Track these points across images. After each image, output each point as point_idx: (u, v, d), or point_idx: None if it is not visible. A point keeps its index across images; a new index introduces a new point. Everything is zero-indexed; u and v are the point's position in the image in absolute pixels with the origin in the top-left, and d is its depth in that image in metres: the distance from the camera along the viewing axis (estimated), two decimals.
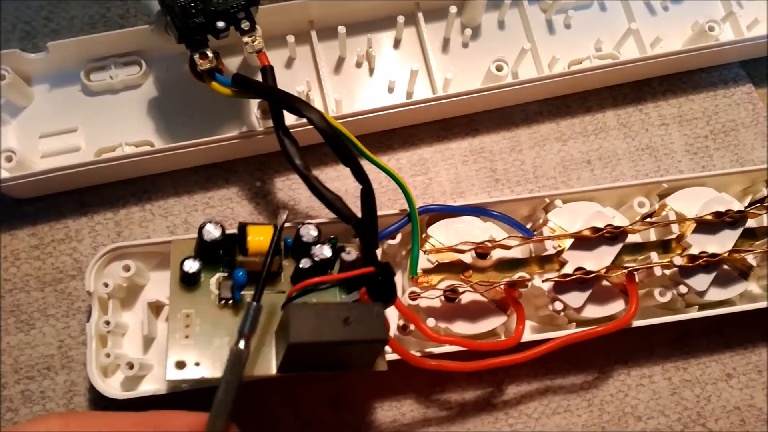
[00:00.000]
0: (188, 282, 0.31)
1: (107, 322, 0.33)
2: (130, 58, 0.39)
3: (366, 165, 0.32)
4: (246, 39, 0.33)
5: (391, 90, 0.40)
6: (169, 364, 0.29)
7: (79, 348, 0.35)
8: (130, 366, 0.32)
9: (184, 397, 0.31)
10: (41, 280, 0.36)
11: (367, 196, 0.32)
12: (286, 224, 0.32)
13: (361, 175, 0.32)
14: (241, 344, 0.27)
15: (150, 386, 0.33)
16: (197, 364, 0.29)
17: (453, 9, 0.40)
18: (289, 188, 0.39)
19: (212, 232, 0.30)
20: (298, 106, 0.32)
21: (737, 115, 0.43)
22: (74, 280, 0.36)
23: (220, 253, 0.31)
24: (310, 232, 0.32)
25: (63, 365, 0.35)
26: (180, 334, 0.30)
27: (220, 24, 0.33)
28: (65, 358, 0.35)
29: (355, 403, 0.35)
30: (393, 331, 0.34)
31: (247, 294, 0.31)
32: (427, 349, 0.33)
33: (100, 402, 0.34)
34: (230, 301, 0.31)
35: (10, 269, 0.36)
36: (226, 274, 0.31)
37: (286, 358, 0.28)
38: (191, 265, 0.30)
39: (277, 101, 0.33)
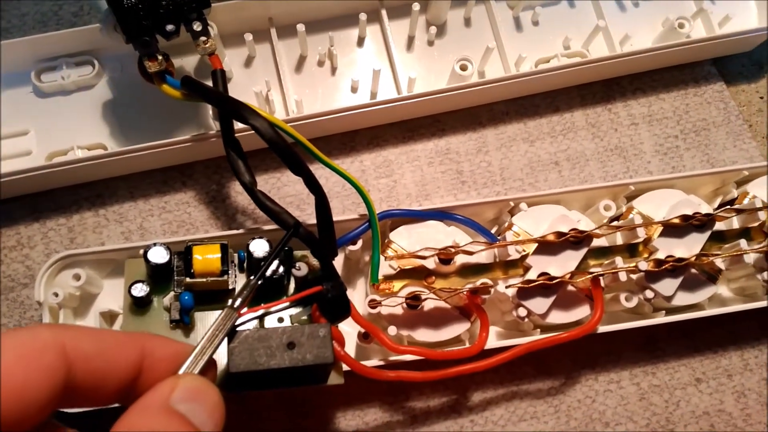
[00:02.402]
0: (140, 305, 0.30)
1: None
2: (82, 58, 0.37)
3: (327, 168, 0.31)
4: (198, 41, 0.32)
5: (354, 90, 0.39)
6: None
7: None
8: None
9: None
10: None
11: (321, 207, 0.31)
12: (240, 232, 0.31)
13: (313, 185, 0.31)
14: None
15: None
16: None
17: (416, 6, 0.39)
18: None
19: (157, 257, 0.29)
20: (244, 113, 0.30)
21: (708, 114, 0.42)
22: (26, 289, 0.35)
23: (171, 272, 0.30)
24: (260, 247, 0.31)
25: None
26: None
27: (170, 27, 0.31)
28: None
29: (316, 413, 0.34)
30: (353, 340, 0.33)
31: (199, 313, 0.30)
32: (391, 358, 0.32)
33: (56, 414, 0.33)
34: (179, 324, 0.30)
35: None
36: (177, 294, 0.30)
37: (231, 381, 0.28)
38: (141, 289, 0.29)
39: (224, 107, 0.31)
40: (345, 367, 0.30)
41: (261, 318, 0.31)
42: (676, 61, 0.42)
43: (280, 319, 0.31)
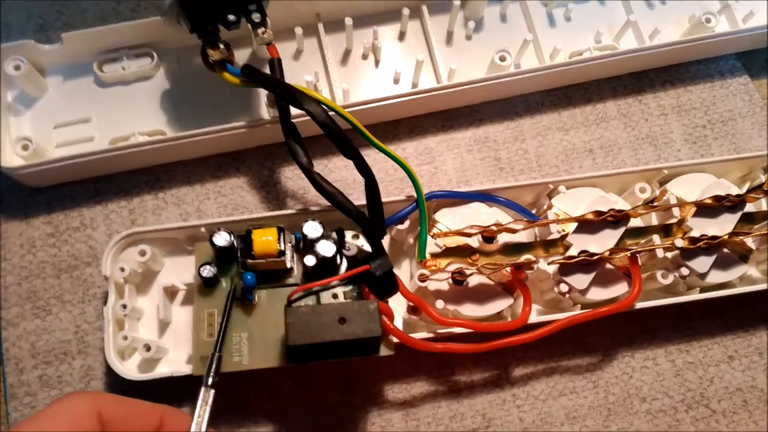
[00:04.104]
0: (208, 285, 0.32)
1: (124, 306, 0.33)
2: (141, 50, 0.39)
3: (373, 154, 0.33)
4: (256, 31, 0.34)
5: (396, 81, 0.41)
6: (194, 360, 0.31)
7: (95, 333, 0.36)
8: (147, 348, 0.33)
9: (198, 378, 0.31)
10: (57, 267, 0.37)
11: (371, 188, 0.33)
12: (291, 212, 0.34)
13: (363, 168, 0.32)
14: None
15: (166, 368, 0.34)
16: (220, 357, 0.30)
17: (456, 2, 0.41)
18: (298, 177, 0.39)
19: (220, 240, 0.32)
20: (300, 98, 0.32)
21: (734, 106, 0.44)
22: (89, 267, 0.37)
23: (235, 254, 0.32)
24: (313, 229, 0.32)
25: (79, 350, 0.36)
26: (204, 333, 0.31)
27: (231, 17, 0.34)
28: (81, 343, 0.36)
29: (366, 387, 0.36)
30: (402, 314, 0.35)
31: (262, 291, 0.32)
32: (438, 331, 0.34)
33: (116, 385, 0.35)
34: (245, 301, 0.32)
35: (26, 257, 0.37)
36: (241, 274, 0.32)
37: (291, 354, 0.30)
38: (208, 270, 0.32)
39: (281, 93, 0.33)
40: (396, 340, 0.32)
41: (317, 294, 0.32)
42: (702, 55, 0.44)
43: (335, 296, 0.33)
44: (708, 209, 0.36)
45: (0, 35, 0.41)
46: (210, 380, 0.28)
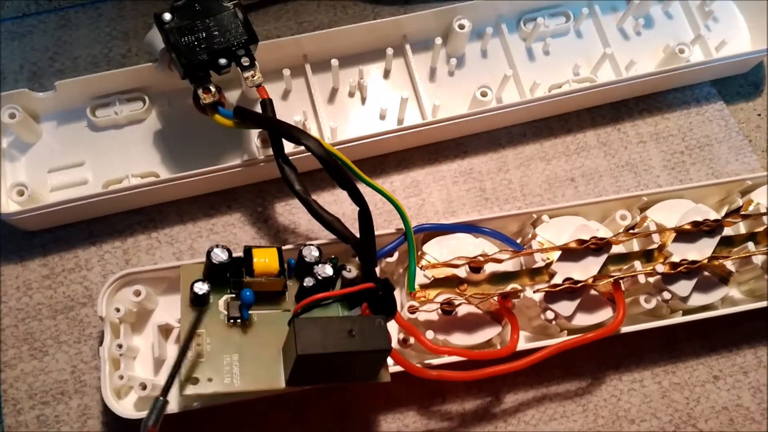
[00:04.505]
0: (198, 303, 0.32)
1: (120, 345, 0.34)
2: (133, 95, 0.41)
3: (362, 188, 0.34)
4: (246, 74, 0.35)
5: (382, 117, 0.42)
6: (183, 380, 0.30)
7: (91, 372, 0.36)
8: (143, 387, 0.33)
9: (195, 415, 0.32)
10: (53, 309, 0.38)
11: (365, 216, 0.34)
12: (289, 247, 0.34)
13: (358, 198, 0.34)
14: None
15: None
16: (210, 379, 0.31)
17: (438, 40, 0.42)
18: (289, 212, 0.40)
19: (220, 255, 0.32)
20: (297, 135, 0.34)
21: (710, 131, 0.45)
22: (85, 308, 0.38)
23: (227, 275, 0.33)
24: (312, 253, 0.33)
25: (76, 389, 0.36)
26: (192, 352, 0.31)
27: (222, 61, 0.35)
28: (78, 382, 0.36)
29: (360, 416, 0.36)
30: (394, 344, 0.35)
31: (255, 313, 0.33)
32: (427, 361, 0.35)
33: (113, 424, 0.35)
34: (238, 320, 0.32)
35: (22, 299, 0.38)
36: (233, 295, 0.33)
37: (295, 371, 0.30)
38: (201, 287, 0.32)
39: (278, 131, 0.35)
40: (390, 368, 0.33)
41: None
42: (678, 83, 0.46)
43: None
44: (687, 234, 0.37)
45: None
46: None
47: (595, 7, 0.46)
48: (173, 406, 0.33)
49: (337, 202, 0.41)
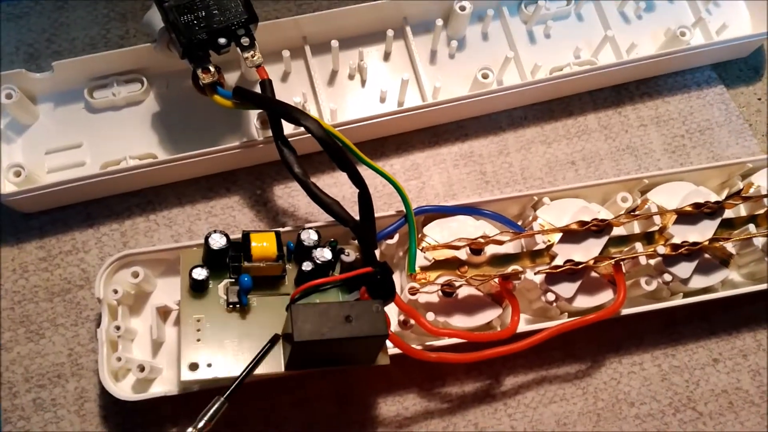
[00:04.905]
0: (197, 289, 0.32)
1: (117, 327, 0.34)
2: (131, 76, 0.40)
3: (362, 170, 0.34)
4: (246, 54, 0.35)
5: (383, 99, 0.42)
6: (183, 366, 0.30)
7: (88, 355, 0.36)
8: (141, 368, 0.33)
9: (194, 396, 0.32)
10: (50, 291, 0.37)
11: (365, 198, 0.34)
12: (288, 229, 0.34)
13: (358, 180, 0.33)
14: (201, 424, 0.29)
15: (160, 388, 0.34)
16: (209, 365, 0.30)
17: (439, 22, 0.42)
18: (288, 195, 0.40)
19: (218, 240, 0.32)
20: (297, 115, 0.33)
21: (711, 115, 0.45)
22: (82, 290, 0.37)
23: (226, 260, 0.33)
24: (310, 237, 0.33)
25: (73, 372, 0.36)
26: (192, 337, 0.31)
27: (222, 40, 0.34)
28: (75, 365, 0.36)
29: (360, 400, 0.36)
30: (394, 326, 0.35)
31: (254, 297, 0.32)
32: (428, 343, 0.35)
33: (111, 407, 0.35)
34: (237, 305, 0.32)
35: (19, 281, 0.37)
36: (232, 280, 0.33)
37: (293, 356, 0.30)
38: (200, 273, 0.32)
39: (277, 111, 0.34)
40: (390, 351, 0.32)
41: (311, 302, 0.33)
42: (679, 67, 0.46)
43: None
44: (688, 216, 0.37)
45: None
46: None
47: None
48: (173, 387, 0.33)
49: (336, 184, 0.40)
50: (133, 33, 0.43)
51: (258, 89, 0.36)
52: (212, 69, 0.35)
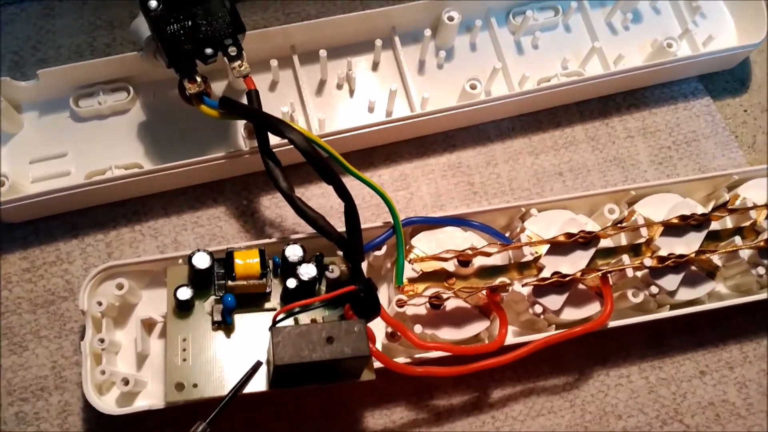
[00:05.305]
0: (183, 308, 0.32)
1: (101, 340, 0.33)
2: (117, 85, 0.40)
3: (349, 181, 0.34)
4: (233, 64, 0.35)
5: (371, 110, 0.42)
6: (168, 387, 0.30)
7: (72, 368, 0.36)
8: (126, 382, 0.33)
9: (179, 410, 0.32)
10: (33, 303, 0.37)
11: (351, 212, 0.33)
12: (274, 240, 0.34)
13: (343, 193, 0.33)
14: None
15: (145, 401, 0.34)
16: (195, 385, 0.30)
17: (428, 32, 0.42)
18: (275, 206, 0.40)
19: (202, 261, 0.32)
20: (281, 127, 0.33)
21: (697, 127, 0.45)
22: (66, 302, 0.37)
23: (211, 279, 0.32)
24: (295, 252, 0.33)
25: (57, 386, 0.35)
26: (178, 358, 0.31)
27: (208, 50, 0.34)
28: (59, 378, 0.36)
29: (347, 413, 0.36)
30: (381, 339, 0.35)
31: (239, 315, 0.32)
32: (416, 355, 0.35)
33: (94, 420, 0.35)
34: (221, 325, 0.32)
35: (2, 293, 0.37)
36: (217, 298, 0.32)
37: (275, 377, 0.30)
38: (185, 293, 0.32)
39: (262, 123, 0.34)
40: (376, 365, 0.32)
41: (295, 318, 0.33)
42: (666, 78, 0.46)
43: (313, 320, 0.33)
44: (675, 228, 0.37)
45: None
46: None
47: (583, 2, 0.45)
48: (158, 401, 0.33)
49: (324, 195, 0.40)
50: (119, 41, 0.43)
51: (245, 99, 0.36)
52: (199, 79, 0.35)
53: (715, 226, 0.39)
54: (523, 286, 0.35)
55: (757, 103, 0.47)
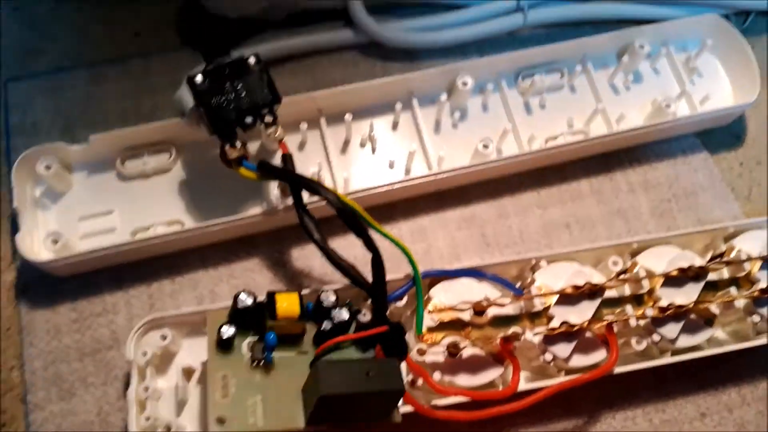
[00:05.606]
0: (224, 346, 0.35)
1: (146, 388, 0.36)
2: (161, 147, 0.43)
3: (373, 234, 0.37)
4: (269, 131, 0.39)
5: (391, 166, 0.45)
6: (210, 420, 0.33)
7: (116, 414, 0.39)
8: (168, 429, 0.35)
9: None
10: (81, 352, 0.40)
11: (377, 263, 0.37)
12: (306, 291, 0.37)
13: (371, 246, 0.36)
14: None
15: None
16: (234, 419, 0.33)
17: (443, 96, 0.46)
18: (305, 257, 0.43)
19: (245, 300, 0.35)
20: (317, 188, 0.37)
21: (696, 180, 0.48)
22: (111, 351, 0.40)
23: (251, 319, 0.35)
24: (329, 298, 0.36)
25: (102, 430, 0.38)
26: (219, 394, 0.34)
27: (248, 119, 0.38)
28: (104, 423, 0.38)
29: None
30: None
31: (277, 355, 0.35)
32: (433, 402, 0.37)
33: None
34: (262, 362, 0.35)
35: (52, 342, 0.40)
36: (256, 338, 0.35)
37: (316, 410, 0.32)
38: (228, 331, 0.34)
39: (300, 185, 0.37)
40: (402, 410, 0.35)
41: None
42: (665, 136, 0.49)
43: None
44: (674, 279, 0.40)
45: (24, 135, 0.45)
46: None
47: (588, 64, 0.49)
48: None
49: (349, 246, 0.43)
50: (161, 106, 0.46)
51: (277, 158, 0.39)
52: (239, 144, 0.38)
53: (712, 276, 0.41)
54: (534, 335, 0.38)
55: (752, 157, 0.50)
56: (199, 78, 0.37)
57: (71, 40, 0.48)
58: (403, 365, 0.36)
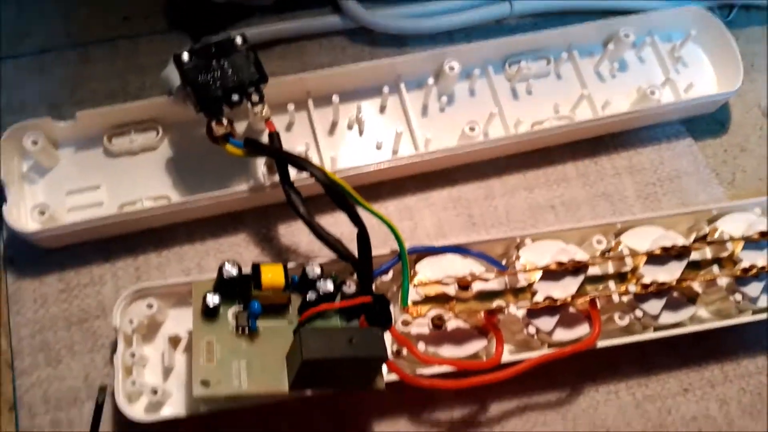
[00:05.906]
0: (209, 314, 0.35)
1: (132, 354, 0.36)
2: (147, 125, 0.44)
3: (359, 212, 0.37)
4: (256, 109, 0.39)
5: (378, 148, 0.46)
6: (195, 382, 0.33)
7: (103, 379, 0.39)
8: (154, 392, 0.36)
9: (202, 420, 0.34)
10: (68, 321, 0.40)
11: (363, 237, 0.37)
12: (292, 265, 0.37)
13: (357, 220, 0.37)
14: None
15: (170, 410, 0.37)
16: (219, 382, 0.33)
17: (430, 80, 0.46)
18: (291, 234, 0.44)
19: (230, 270, 0.35)
20: (304, 164, 0.37)
21: (680, 165, 0.49)
22: (98, 320, 0.40)
23: (236, 289, 0.36)
24: (314, 270, 0.36)
25: (89, 396, 0.38)
26: (203, 358, 0.34)
27: (235, 97, 0.38)
28: (91, 389, 0.39)
29: (354, 424, 0.39)
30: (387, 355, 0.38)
31: (262, 324, 0.35)
32: (418, 371, 0.38)
33: (123, 427, 0.37)
34: (246, 330, 0.35)
35: (39, 311, 0.40)
36: (241, 307, 0.36)
37: (299, 375, 0.33)
38: (213, 299, 0.35)
39: (286, 161, 0.38)
40: (385, 379, 0.35)
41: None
42: (650, 122, 0.50)
43: None
44: (658, 258, 0.41)
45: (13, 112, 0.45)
46: None
47: (573, 52, 0.50)
48: (181, 410, 0.36)
49: (336, 224, 0.44)
50: (149, 85, 0.47)
51: (264, 137, 0.40)
52: (225, 122, 0.39)
53: (695, 256, 0.42)
54: (518, 309, 0.38)
55: (736, 144, 0.51)
56: (185, 56, 0.38)
57: (60, 22, 0.49)
58: (389, 336, 0.36)
